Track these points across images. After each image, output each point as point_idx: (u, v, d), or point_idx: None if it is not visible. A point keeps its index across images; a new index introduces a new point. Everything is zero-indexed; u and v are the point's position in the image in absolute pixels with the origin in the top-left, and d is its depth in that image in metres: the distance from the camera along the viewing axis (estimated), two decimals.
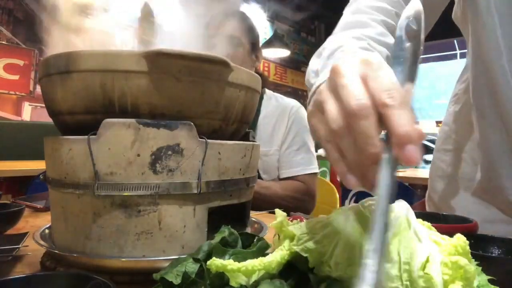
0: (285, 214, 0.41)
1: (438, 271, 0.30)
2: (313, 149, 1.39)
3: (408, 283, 0.30)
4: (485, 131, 0.69)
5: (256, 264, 0.34)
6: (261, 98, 1.40)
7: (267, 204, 1.13)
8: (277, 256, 0.35)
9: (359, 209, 0.36)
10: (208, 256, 0.38)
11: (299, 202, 1.28)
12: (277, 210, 0.41)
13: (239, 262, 0.34)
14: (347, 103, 0.31)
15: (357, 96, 0.31)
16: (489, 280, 0.34)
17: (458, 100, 0.82)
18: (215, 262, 0.34)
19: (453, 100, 0.84)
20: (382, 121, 0.30)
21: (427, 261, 0.30)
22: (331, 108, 0.33)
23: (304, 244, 0.35)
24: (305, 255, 0.34)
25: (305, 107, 1.40)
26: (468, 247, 0.32)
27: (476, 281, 0.32)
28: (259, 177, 1.32)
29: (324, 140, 0.34)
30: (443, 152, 0.84)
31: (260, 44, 1.46)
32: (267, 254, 0.37)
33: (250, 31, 1.37)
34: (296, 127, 1.35)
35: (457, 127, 0.81)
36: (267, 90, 1.44)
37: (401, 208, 0.36)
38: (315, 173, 1.36)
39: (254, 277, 0.35)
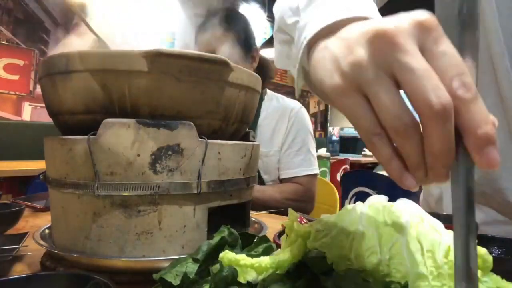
0: (297, 215, 0.41)
1: None
2: (313, 150, 1.39)
3: (433, 269, 0.30)
4: None
5: (269, 261, 0.34)
6: (262, 99, 1.40)
7: (264, 208, 1.13)
8: (289, 255, 0.35)
9: (370, 205, 0.36)
10: (208, 256, 0.38)
11: (296, 204, 1.28)
12: (290, 210, 0.41)
13: None
14: (427, 99, 0.24)
15: (437, 89, 0.24)
16: None
17: None
18: (228, 256, 0.34)
19: None
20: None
21: (449, 249, 0.30)
22: (390, 98, 0.26)
23: (321, 240, 0.35)
24: (323, 251, 0.34)
25: (305, 106, 1.40)
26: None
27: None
28: (260, 177, 1.32)
29: (370, 132, 0.27)
30: None
31: (260, 44, 1.45)
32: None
33: (240, 33, 1.32)
34: (296, 128, 1.35)
35: None
36: (268, 91, 1.44)
37: (409, 205, 0.36)
38: (315, 174, 1.36)
39: (261, 275, 0.35)
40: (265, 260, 0.34)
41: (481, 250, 0.30)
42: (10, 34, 2.89)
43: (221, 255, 0.34)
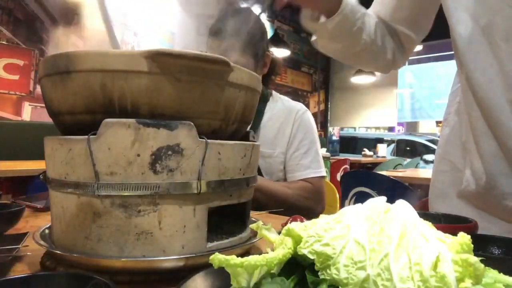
0: (261, 223, 0.42)
1: (450, 269, 0.29)
2: (320, 152, 1.39)
3: (420, 283, 0.30)
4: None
5: (258, 259, 0.34)
6: (267, 99, 1.39)
7: (275, 203, 1.13)
8: (279, 253, 0.35)
9: (364, 211, 0.36)
10: None
11: (306, 200, 1.27)
12: (257, 224, 0.42)
13: None
14: None
15: None
16: None
17: (448, 123, 0.84)
18: (218, 257, 0.34)
19: (444, 124, 0.86)
20: None
21: (437, 260, 0.30)
22: None
23: (311, 246, 0.35)
24: (312, 257, 0.34)
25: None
26: (472, 245, 0.32)
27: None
28: None
29: None
30: (440, 173, 0.85)
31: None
32: None
33: (253, 38, 1.30)
34: (303, 130, 1.35)
35: (450, 150, 0.83)
36: (273, 92, 1.44)
37: (404, 208, 0.36)
38: (323, 176, 1.36)
39: (255, 278, 0.35)
40: (254, 258, 0.34)
41: (472, 259, 0.30)
42: (10, 34, 2.89)
43: (211, 257, 0.34)
